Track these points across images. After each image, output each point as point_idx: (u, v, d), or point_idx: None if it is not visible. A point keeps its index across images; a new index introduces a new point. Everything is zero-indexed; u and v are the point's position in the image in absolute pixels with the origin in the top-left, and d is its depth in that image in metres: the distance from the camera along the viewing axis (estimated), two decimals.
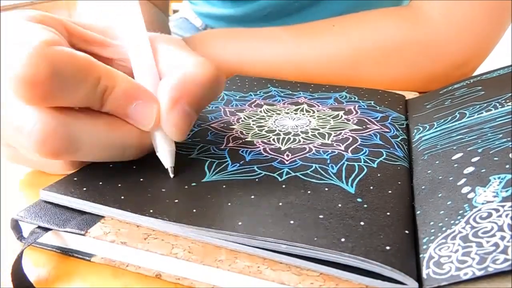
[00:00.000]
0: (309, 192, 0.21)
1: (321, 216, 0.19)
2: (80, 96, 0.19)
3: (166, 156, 0.22)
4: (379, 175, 0.23)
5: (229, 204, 0.20)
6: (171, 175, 0.22)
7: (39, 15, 0.21)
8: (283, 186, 0.22)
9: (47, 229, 0.20)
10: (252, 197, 0.21)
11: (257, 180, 0.22)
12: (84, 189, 0.21)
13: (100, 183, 0.22)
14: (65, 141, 0.19)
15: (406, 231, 0.19)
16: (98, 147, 0.21)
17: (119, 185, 0.22)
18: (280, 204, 0.20)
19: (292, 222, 0.19)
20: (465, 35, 0.39)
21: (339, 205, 0.20)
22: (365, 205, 0.20)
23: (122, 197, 0.21)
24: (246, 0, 0.58)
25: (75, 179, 0.22)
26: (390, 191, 0.22)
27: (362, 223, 0.19)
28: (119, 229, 0.19)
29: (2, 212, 0.23)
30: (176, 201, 0.20)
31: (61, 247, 0.20)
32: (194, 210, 0.20)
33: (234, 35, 0.46)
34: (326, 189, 0.21)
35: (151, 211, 0.19)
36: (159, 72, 0.23)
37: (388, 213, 0.20)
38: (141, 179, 0.22)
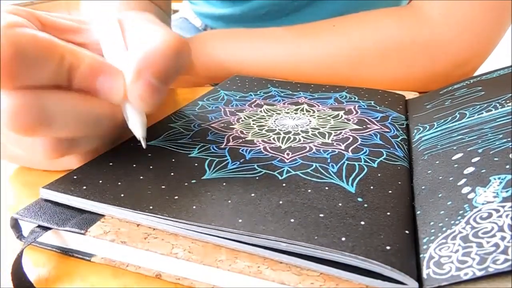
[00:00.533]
0: (309, 190, 0.21)
1: (321, 215, 0.19)
2: (47, 75, 0.20)
3: (136, 127, 0.23)
4: (379, 175, 0.23)
5: (229, 201, 0.20)
6: (144, 146, 0.23)
7: (12, 8, 0.22)
8: (283, 184, 0.22)
9: (47, 228, 0.20)
10: (252, 195, 0.21)
11: (257, 178, 0.22)
12: (84, 187, 0.21)
13: (100, 181, 0.22)
14: (37, 114, 0.20)
15: (406, 231, 0.19)
16: (71, 120, 0.21)
17: (119, 183, 0.22)
18: (281, 202, 0.20)
19: (292, 220, 0.19)
20: (465, 35, 0.39)
21: (340, 204, 0.20)
22: (366, 205, 0.20)
23: (122, 195, 0.21)
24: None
25: (75, 177, 0.22)
26: (390, 191, 0.22)
27: (362, 222, 0.19)
28: (119, 228, 0.19)
29: (2, 211, 0.23)
30: (176, 197, 0.20)
31: (61, 247, 0.20)
32: (194, 207, 0.20)
33: (234, 35, 0.46)
34: (327, 188, 0.21)
35: (151, 207, 0.20)
36: (128, 48, 0.24)
37: (388, 213, 0.20)
38: (141, 177, 0.22)
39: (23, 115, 0.19)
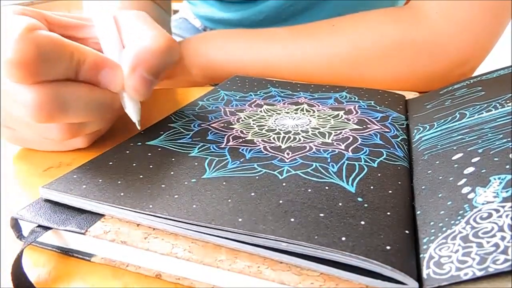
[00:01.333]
0: (309, 190, 0.21)
1: (321, 215, 0.19)
2: (61, 70, 0.23)
3: (132, 112, 0.27)
4: (379, 174, 0.23)
5: (229, 201, 0.20)
6: (138, 127, 0.27)
7: (21, 9, 0.25)
8: (284, 184, 0.22)
9: (47, 228, 0.20)
10: (252, 194, 0.21)
11: (257, 177, 0.22)
12: (84, 186, 0.21)
13: (100, 180, 0.22)
14: (57, 104, 0.23)
15: (406, 231, 0.19)
16: (82, 107, 0.25)
17: (119, 182, 0.22)
18: (281, 201, 0.20)
19: (292, 220, 0.19)
20: (464, 34, 0.39)
21: (340, 204, 0.20)
22: (366, 205, 0.20)
23: (122, 194, 0.21)
24: (243, 3, 0.58)
25: (75, 176, 0.22)
26: (390, 191, 0.22)
27: (362, 222, 0.19)
28: (119, 228, 0.19)
29: (2, 211, 0.23)
30: (176, 196, 0.20)
31: (61, 247, 0.20)
32: (194, 206, 0.20)
33: (234, 35, 0.46)
34: (327, 187, 0.21)
35: (151, 206, 0.20)
36: (124, 45, 0.27)
37: (388, 213, 0.20)
38: (141, 176, 0.22)
39: (46, 106, 0.23)
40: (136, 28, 0.27)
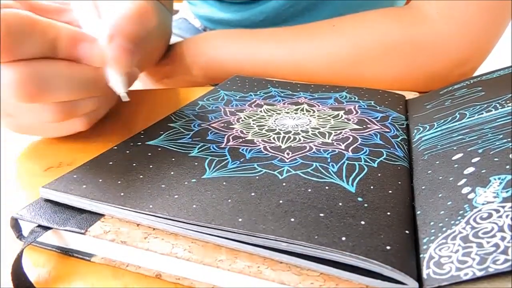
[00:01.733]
0: (309, 190, 0.21)
1: (321, 215, 0.19)
2: (36, 47, 0.23)
3: (117, 85, 0.26)
4: (379, 174, 0.23)
5: (229, 201, 0.20)
6: (126, 99, 0.26)
7: None
8: (284, 184, 0.22)
9: (47, 228, 0.20)
10: (252, 194, 0.21)
11: (257, 177, 0.22)
12: (84, 186, 0.21)
13: (100, 180, 0.22)
14: (37, 81, 0.23)
15: (406, 231, 0.19)
16: (64, 84, 0.25)
17: (119, 182, 0.22)
18: (281, 201, 0.20)
19: (292, 220, 0.19)
20: (464, 34, 0.39)
21: (340, 204, 0.20)
22: (366, 205, 0.20)
23: (122, 194, 0.21)
24: (242, 3, 0.58)
25: (75, 176, 0.22)
26: (390, 191, 0.22)
27: (362, 222, 0.19)
28: (119, 228, 0.19)
29: (2, 211, 0.23)
30: (176, 196, 0.20)
31: (61, 247, 0.20)
32: (194, 206, 0.20)
33: (234, 35, 0.46)
34: (327, 187, 0.21)
35: (151, 206, 0.20)
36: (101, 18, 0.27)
37: (388, 213, 0.20)
38: (141, 176, 0.22)
39: (26, 83, 0.23)
40: (111, 3, 0.28)
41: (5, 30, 0.22)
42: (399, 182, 0.23)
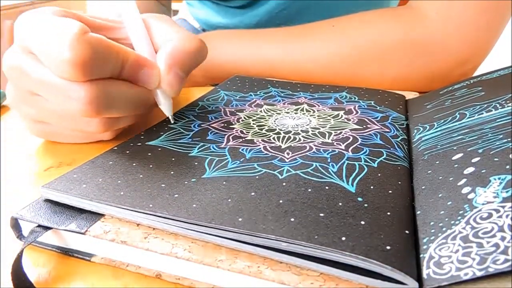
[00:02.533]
0: (309, 190, 0.21)
1: (321, 215, 0.19)
2: (108, 69, 0.26)
3: (167, 108, 0.29)
4: (379, 174, 0.23)
5: (229, 200, 0.20)
6: (172, 121, 0.30)
7: (60, 10, 0.27)
8: (284, 183, 0.22)
9: (47, 228, 0.20)
10: (252, 194, 0.21)
11: (257, 177, 0.22)
12: (84, 186, 0.21)
13: (100, 180, 0.22)
14: (105, 101, 0.25)
15: (406, 231, 0.19)
16: (123, 103, 0.27)
17: (119, 181, 0.22)
18: (281, 201, 0.20)
19: (292, 219, 0.19)
20: (463, 34, 0.39)
21: (340, 203, 0.20)
22: (366, 205, 0.20)
23: (122, 193, 0.21)
24: (238, 8, 0.58)
25: (75, 176, 0.22)
26: (390, 191, 0.22)
27: (362, 222, 0.19)
28: (119, 228, 0.19)
29: (2, 211, 0.23)
30: (176, 196, 0.20)
31: (61, 247, 0.20)
32: (194, 206, 0.20)
33: (234, 36, 0.47)
34: (327, 187, 0.21)
35: (151, 205, 0.19)
36: (154, 45, 0.30)
37: (388, 213, 0.20)
38: (141, 176, 0.22)
39: (96, 101, 0.25)
40: (165, 30, 0.30)
41: (90, 54, 0.24)
42: (399, 182, 0.23)
